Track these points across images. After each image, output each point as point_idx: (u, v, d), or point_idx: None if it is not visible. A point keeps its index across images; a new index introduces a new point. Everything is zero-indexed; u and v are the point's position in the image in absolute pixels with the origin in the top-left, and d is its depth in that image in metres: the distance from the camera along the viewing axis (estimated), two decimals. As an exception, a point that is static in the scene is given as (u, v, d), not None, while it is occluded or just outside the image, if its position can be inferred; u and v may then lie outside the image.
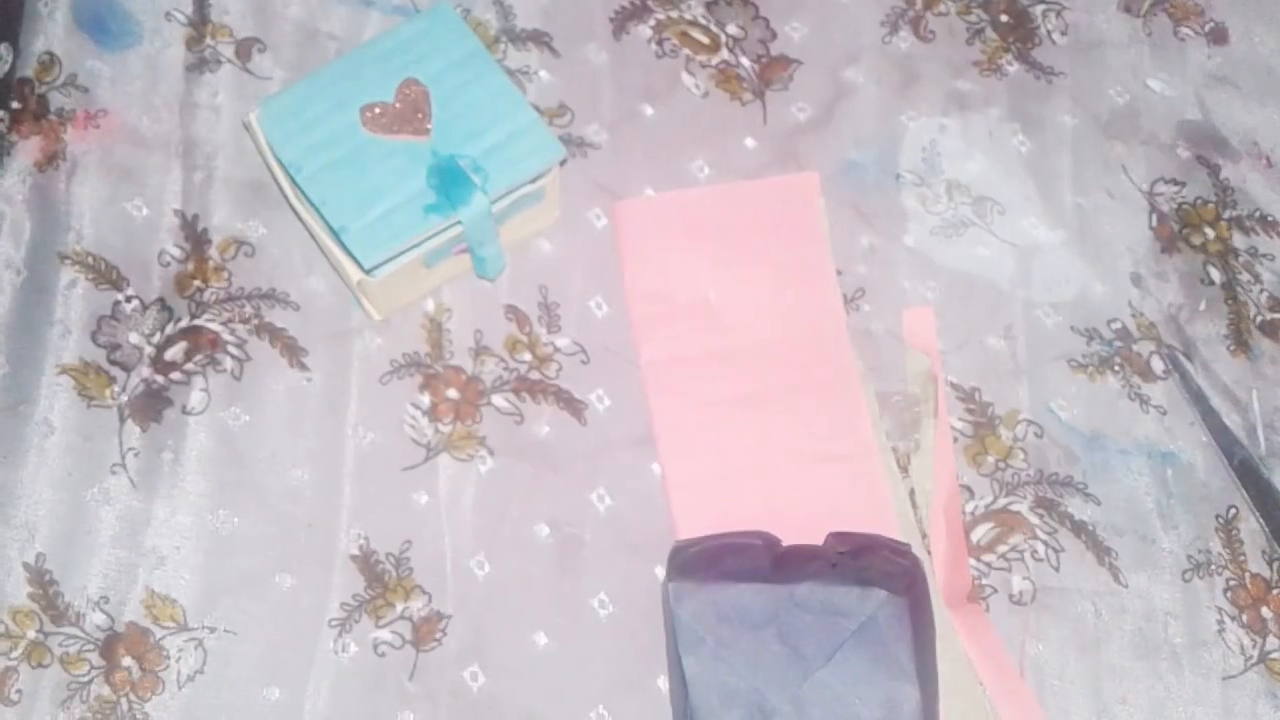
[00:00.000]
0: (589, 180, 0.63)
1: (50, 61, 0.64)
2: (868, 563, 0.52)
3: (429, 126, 0.57)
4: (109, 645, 0.56)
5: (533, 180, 0.58)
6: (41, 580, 0.56)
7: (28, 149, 0.62)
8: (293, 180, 0.57)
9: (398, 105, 0.57)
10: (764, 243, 0.62)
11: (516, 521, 0.58)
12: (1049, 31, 0.67)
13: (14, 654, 0.55)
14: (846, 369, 0.60)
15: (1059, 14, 0.67)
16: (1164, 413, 0.61)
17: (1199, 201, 0.64)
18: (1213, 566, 0.58)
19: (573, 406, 0.60)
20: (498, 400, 0.60)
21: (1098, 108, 0.65)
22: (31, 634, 0.56)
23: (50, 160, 0.62)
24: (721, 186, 0.63)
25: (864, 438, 0.59)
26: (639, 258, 0.62)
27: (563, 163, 0.58)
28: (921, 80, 0.66)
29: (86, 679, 0.55)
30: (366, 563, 0.57)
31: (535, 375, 0.60)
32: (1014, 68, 0.66)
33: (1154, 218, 0.64)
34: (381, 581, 0.57)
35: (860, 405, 0.60)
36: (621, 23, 0.66)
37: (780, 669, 0.51)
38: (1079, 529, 0.59)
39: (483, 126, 0.57)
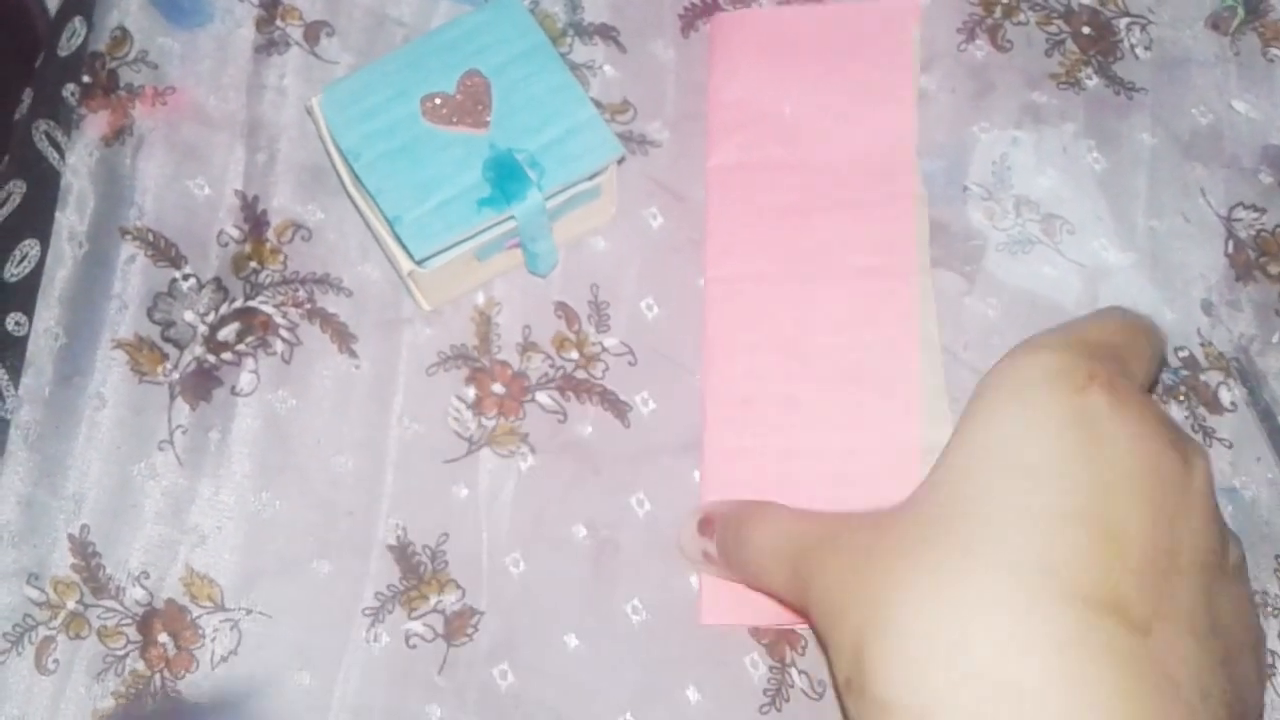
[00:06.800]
0: (648, 178, 0.62)
1: (122, 37, 0.64)
2: None
3: (488, 119, 0.57)
4: (146, 620, 0.56)
5: (590, 177, 0.57)
6: (85, 552, 0.57)
7: (96, 123, 0.63)
8: (350, 167, 0.57)
9: (458, 97, 0.57)
10: (849, 64, 0.63)
11: (554, 521, 0.57)
12: (1132, 46, 0.64)
13: (54, 623, 0.56)
14: (906, 191, 0.61)
15: (1144, 28, 0.65)
16: (1229, 446, 0.59)
17: (1279, 230, 0.62)
18: (1269, 609, 0.56)
19: (617, 408, 0.59)
20: (542, 398, 0.59)
21: (1179, 127, 0.63)
22: (71, 605, 0.56)
23: (117, 135, 0.63)
24: (819, 6, 0.65)
25: (907, 255, 0.60)
26: (726, 68, 0.64)
27: (621, 161, 0.57)
28: (996, 91, 0.64)
29: (122, 653, 0.56)
30: (403, 553, 0.57)
31: (581, 374, 0.59)
32: (1093, 82, 0.64)
33: (1230, 244, 0.61)
34: (417, 573, 0.57)
35: (910, 226, 0.61)
36: (690, 20, 0.65)
37: None
38: (1132, 563, 0.57)
39: (542, 121, 0.56)
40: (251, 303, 0.60)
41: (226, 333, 0.60)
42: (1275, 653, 0.56)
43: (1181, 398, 0.59)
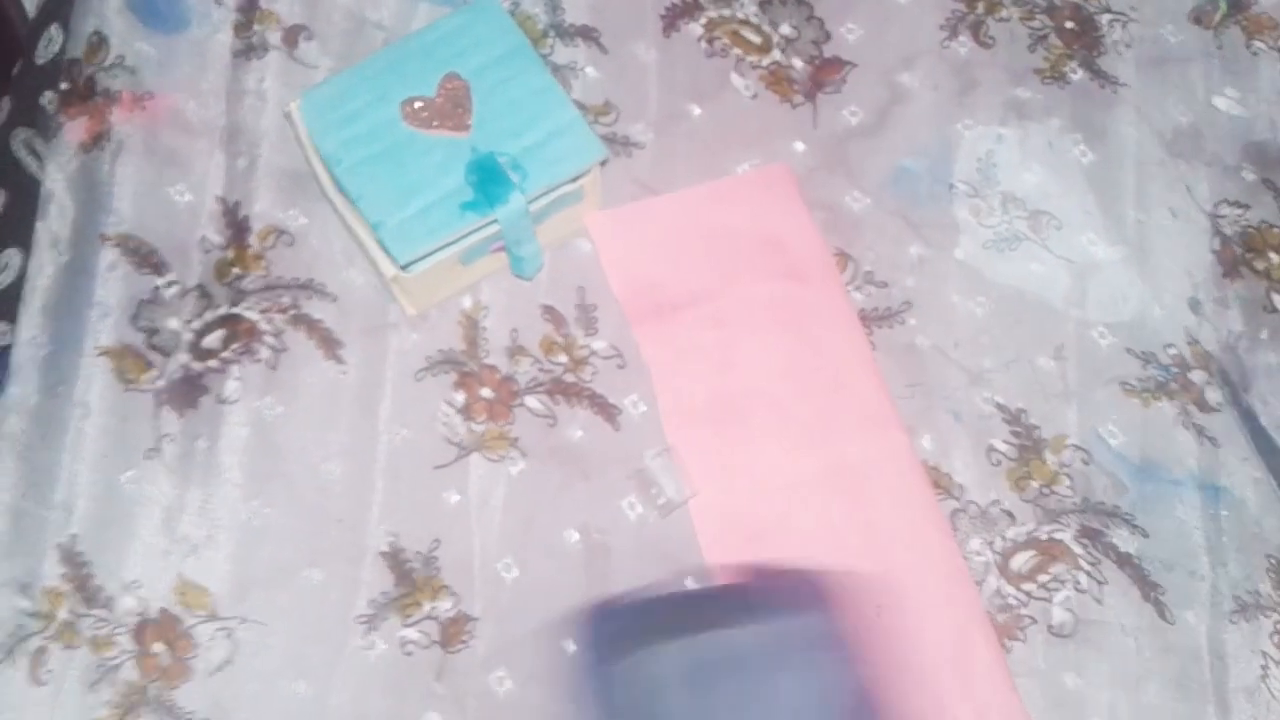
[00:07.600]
0: (632, 180, 0.62)
1: (99, 43, 0.63)
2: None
3: (469, 122, 0.56)
4: (140, 630, 0.56)
5: (572, 180, 0.57)
6: (74, 562, 0.57)
7: (74, 130, 0.62)
8: (331, 173, 0.56)
9: (439, 100, 0.56)
10: (747, 222, 0.62)
11: (546, 526, 0.57)
12: (1115, 41, 0.64)
13: (46, 633, 0.56)
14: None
15: (1125, 25, 0.65)
16: (1218, 445, 0.59)
17: (1264, 225, 0.62)
18: (1261, 609, 0.57)
19: (606, 411, 0.59)
20: (531, 401, 0.59)
21: (1163, 122, 0.63)
22: (63, 614, 0.56)
23: (96, 142, 0.62)
24: (694, 189, 0.62)
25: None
26: (619, 266, 0.61)
27: (603, 163, 0.57)
28: (980, 87, 0.64)
29: (116, 663, 0.56)
30: (396, 560, 0.57)
31: (570, 378, 0.59)
32: (1078, 75, 0.64)
33: (1216, 240, 0.62)
34: (410, 580, 0.57)
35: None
36: (672, 20, 0.65)
37: None
38: (1124, 561, 0.57)
39: (524, 124, 0.56)
40: (236, 309, 0.60)
41: (212, 340, 0.60)
42: (1267, 654, 0.56)
43: (1173, 394, 0.59)
